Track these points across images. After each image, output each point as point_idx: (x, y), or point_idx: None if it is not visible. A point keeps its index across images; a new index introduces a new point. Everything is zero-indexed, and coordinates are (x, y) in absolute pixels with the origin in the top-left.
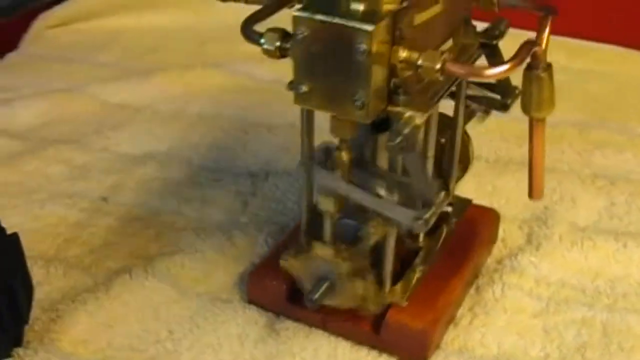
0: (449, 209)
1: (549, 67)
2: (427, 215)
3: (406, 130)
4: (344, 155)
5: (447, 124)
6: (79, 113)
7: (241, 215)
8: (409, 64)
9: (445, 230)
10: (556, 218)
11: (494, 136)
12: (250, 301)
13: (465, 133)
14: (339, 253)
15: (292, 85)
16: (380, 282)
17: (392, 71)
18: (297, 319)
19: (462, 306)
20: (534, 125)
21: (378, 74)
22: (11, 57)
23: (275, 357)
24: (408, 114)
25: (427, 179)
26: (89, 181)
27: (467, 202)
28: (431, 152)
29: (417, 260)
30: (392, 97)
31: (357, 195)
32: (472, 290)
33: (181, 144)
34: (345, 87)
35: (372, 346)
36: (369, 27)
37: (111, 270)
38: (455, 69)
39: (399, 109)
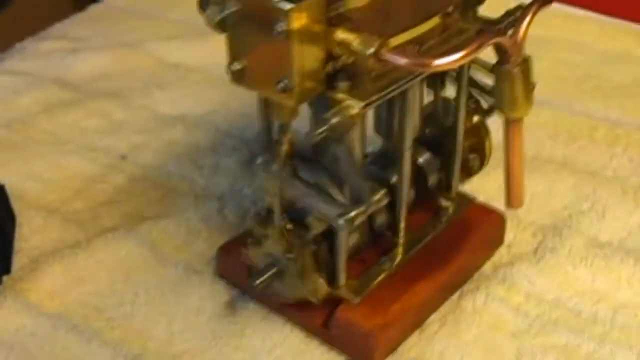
0: (448, 204)
1: (524, 61)
2: (352, 214)
3: (334, 120)
4: (283, 143)
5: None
6: (134, 69)
7: (246, 187)
8: (345, 47)
9: (434, 227)
10: (575, 229)
11: (542, 131)
12: (221, 276)
13: (483, 125)
14: (287, 245)
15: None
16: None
17: (330, 54)
18: (259, 300)
19: (437, 312)
20: (510, 125)
21: (305, 56)
22: (93, 8)
23: (223, 335)
24: (346, 102)
25: (357, 176)
26: (117, 138)
27: (468, 201)
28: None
29: (385, 257)
30: (332, 82)
31: (288, 188)
32: (454, 296)
33: (216, 110)
34: (270, 68)
35: (323, 340)
36: (286, 6)
37: (103, 228)
38: (394, 57)
39: (339, 95)
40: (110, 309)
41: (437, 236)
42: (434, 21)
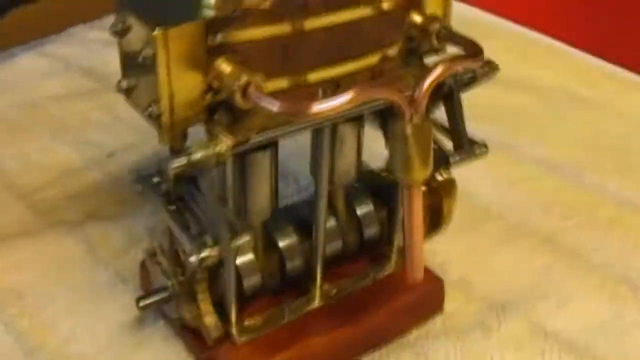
0: (383, 261)
1: (422, 122)
2: (202, 255)
3: (197, 155)
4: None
5: None
6: None
7: None
8: (220, 80)
9: (360, 281)
10: (524, 313)
11: (539, 199)
12: (144, 289)
13: (445, 183)
14: (178, 272)
15: None
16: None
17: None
18: (168, 321)
19: None
20: (406, 191)
21: (176, 84)
22: None
23: (118, 347)
24: (219, 138)
25: (218, 216)
26: (113, 134)
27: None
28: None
29: (297, 301)
30: (213, 114)
31: (161, 214)
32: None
33: None
34: (145, 92)
35: None
36: (154, 31)
37: (57, 221)
38: (261, 98)
39: (216, 129)
40: (28, 298)
41: (363, 291)
42: (358, 63)
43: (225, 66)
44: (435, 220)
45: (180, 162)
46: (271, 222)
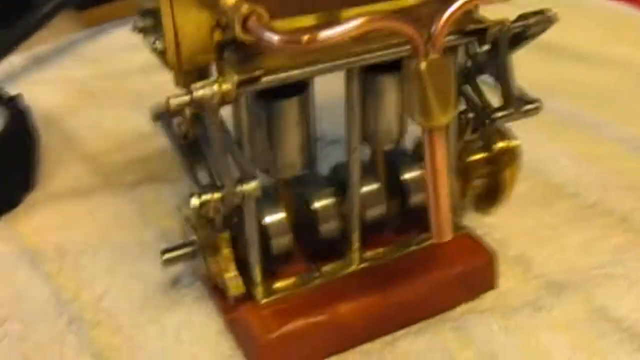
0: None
1: (436, 60)
2: (202, 198)
3: (200, 92)
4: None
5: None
6: None
7: None
8: (224, 13)
9: (403, 249)
10: (586, 294)
11: (620, 178)
12: None
13: (505, 150)
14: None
15: None
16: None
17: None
18: (203, 282)
19: (361, 346)
20: (426, 136)
21: (182, 18)
22: None
23: (149, 305)
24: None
25: (221, 161)
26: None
27: (459, 230)
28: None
29: (316, 267)
30: (223, 51)
31: (178, 157)
32: (393, 335)
33: None
34: (155, 32)
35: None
36: None
37: (120, 184)
38: (260, 30)
39: (225, 67)
40: (70, 255)
41: (405, 261)
42: (392, 4)
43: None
44: (493, 191)
45: (182, 98)
46: (311, 181)
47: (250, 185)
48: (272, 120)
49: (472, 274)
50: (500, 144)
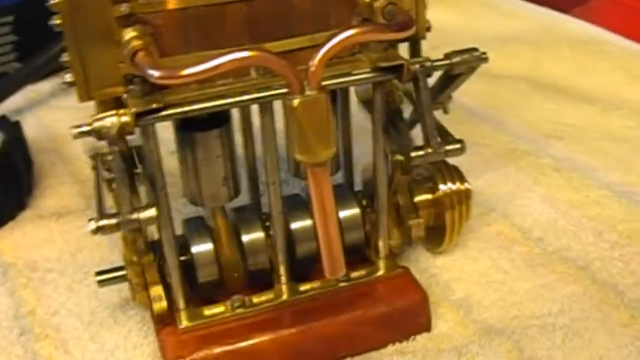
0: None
1: (314, 97)
2: (99, 223)
3: (99, 123)
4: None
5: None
6: None
7: None
8: (123, 48)
9: (335, 284)
10: (516, 340)
11: (596, 224)
12: None
13: (451, 192)
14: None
15: None
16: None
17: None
18: None
19: None
20: (310, 173)
21: (88, 53)
22: None
23: (96, 327)
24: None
25: (120, 189)
26: None
27: (394, 268)
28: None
29: (241, 296)
30: (130, 83)
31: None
32: None
33: None
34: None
35: None
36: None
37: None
38: (142, 64)
39: (128, 100)
40: (39, 272)
41: (334, 296)
42: (299, 42)
43: (126, 34)
44: (439, 232)
45: (82, 128)
46: (247, 213)
47: (146, 214)
48: (193, 151)
49: (400, 314)
50: (447, 186)
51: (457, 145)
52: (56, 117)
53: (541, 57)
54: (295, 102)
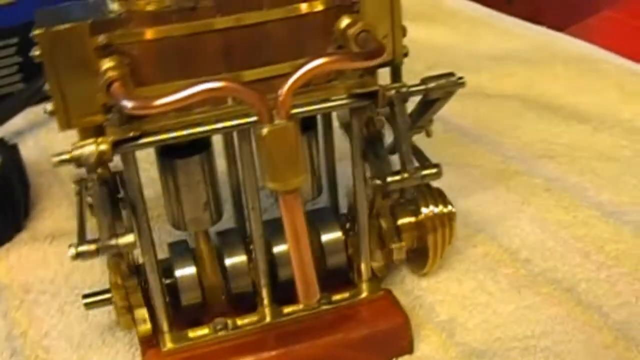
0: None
1: (283, 126)
2: (79, 249)
3: (78, 152)
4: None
5: None
6: None
7: None
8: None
9: (315, 307)
10: None
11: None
12: None
13: (433, 215)
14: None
15: None
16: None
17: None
18: None
19: None
20: (282, 200)
21: (67, 82)
22: None
23: (85, 350)
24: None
25: (99, 215)
26: None
27: (375, 290)
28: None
29: (224, 320)
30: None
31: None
32: None
33: None
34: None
35: None
36: (36, 30)
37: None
38: (117, 95)
39: (108, 128)
40: (33, 294)
41: (317, 319)
42: (274, 70)
43: (103, 64)
44: (423, 255)
45: (62, 156)
46: (227, 237)
47: (125, 239)
48: (174, 177)
49: (382, 336)
50: (430, 209)
51: (434, 170)
52: (55, 139)
53: (535, 75)
54: (264, 131)
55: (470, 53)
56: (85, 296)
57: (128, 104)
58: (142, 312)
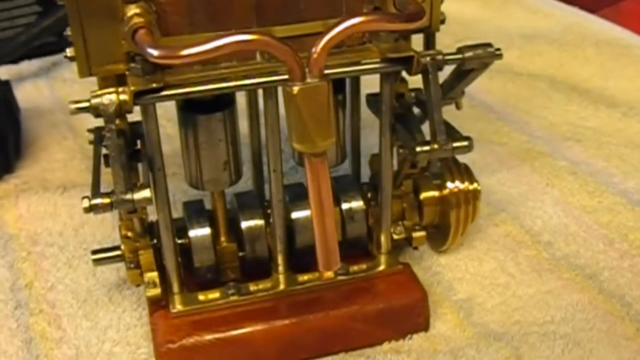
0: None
1: (315, 85)
2: (92, 201)
3: (97, 100)
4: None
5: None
6: None
7: None
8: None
9: (333, 277)
10: (515, 347)
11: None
12: None
13: (457, 191)
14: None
15: None
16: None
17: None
18: None
19: None
20: (308, 163)
21: (91, 27)
22: None
23: (90, 305)
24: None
25: (115, 168)
26: None
27: (395, 264)
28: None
29: (238, 284)
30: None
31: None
32: None
33: None
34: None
35: None
36: None
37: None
38: (142, 43)
39: (130, 77)
40: (40, 245)
41: (332, 290)
42: (310, 28)
43: (129, 11)
44: (444, 231)
45: (80, 104)
46: (245, 199)
47: (141, 194)
48: (195, 134)
49: (398, 311)
50: (455, 185)
51: (465, 143)
52: (71, 90)
53: (565, 57)
54: (295, 89)
55: (500, 29)
56: (95, 252)
57: (153, 52)
58: (153, 275)
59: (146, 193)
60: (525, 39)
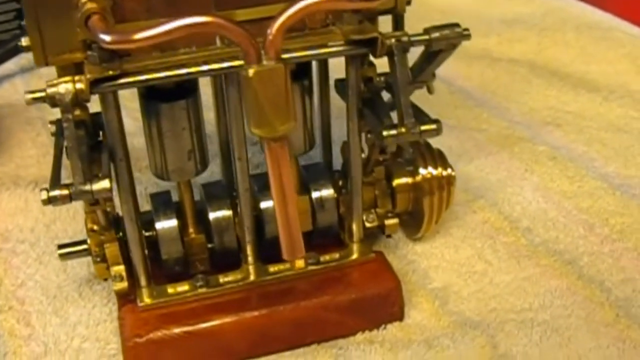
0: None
1: (270, 68)
2: (51, 193)
3: (52, 89)
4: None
5: None
6: None
7: None
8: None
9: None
10: (491, 335)
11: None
12: None
13: (431, 177)
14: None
15: None
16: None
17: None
18: None
19: None
20: (267, 148)
21: (45, 18)
22: None
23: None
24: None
25: (72, 158)
26: None
27: (367, 253)
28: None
29: (206, 276)
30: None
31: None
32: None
33: None
34: None
35: None
36: None
37: None
38: (94, 28)
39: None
40: (12, 242)
41: (303, 280)
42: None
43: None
44: (417, 218)
45: (36, 94)
46: (213, 189)
47: (100, 185)
48: (158, 123)
49: (371, 301)
50: (428, 170)
51: (433, 126)
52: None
53: (545, 41)
54: (251, 71)
55: (480, 15)
56: (61, 246)
57: (106, 37)
58: (119, 269)
59: (105, 184)
60: (505, 24)
